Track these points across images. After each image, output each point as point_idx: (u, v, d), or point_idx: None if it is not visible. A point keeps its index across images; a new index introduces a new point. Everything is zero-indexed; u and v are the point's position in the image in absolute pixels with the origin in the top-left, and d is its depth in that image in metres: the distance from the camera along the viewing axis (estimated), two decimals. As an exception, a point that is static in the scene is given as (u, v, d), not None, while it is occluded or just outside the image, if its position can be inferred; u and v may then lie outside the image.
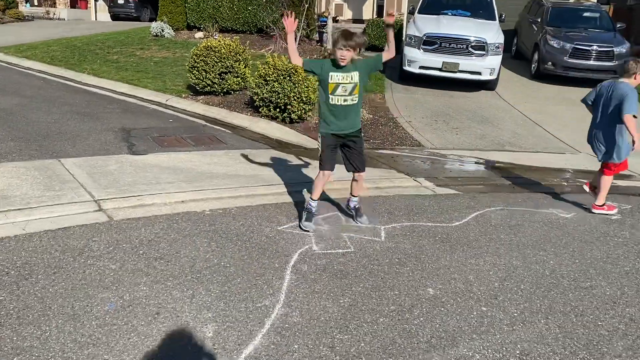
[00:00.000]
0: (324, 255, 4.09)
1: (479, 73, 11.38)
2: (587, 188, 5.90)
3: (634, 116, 5.11)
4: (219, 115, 8.94)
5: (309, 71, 4.52)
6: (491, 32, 11.51)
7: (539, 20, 13.57)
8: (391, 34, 4.41)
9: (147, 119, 8.40)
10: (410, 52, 11.51)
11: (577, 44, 12.32)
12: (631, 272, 4.21)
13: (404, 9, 16.40)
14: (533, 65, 13.25)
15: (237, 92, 9.83)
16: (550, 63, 12.58)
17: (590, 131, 5.69)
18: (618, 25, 13.38)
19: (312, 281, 3.67)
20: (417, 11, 12.61)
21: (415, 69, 11.49)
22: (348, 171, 4.70)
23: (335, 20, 18.07)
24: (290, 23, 4.35)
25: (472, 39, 11.26)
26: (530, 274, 4.05)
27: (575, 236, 4.92)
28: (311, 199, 4.74)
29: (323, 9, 17.34)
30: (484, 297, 3.63)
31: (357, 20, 18.88)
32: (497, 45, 11.31)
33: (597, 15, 13.80)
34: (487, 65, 11.30)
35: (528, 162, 7.70)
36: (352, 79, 4.36)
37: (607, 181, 5.56)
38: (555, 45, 12.53)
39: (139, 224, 4.33)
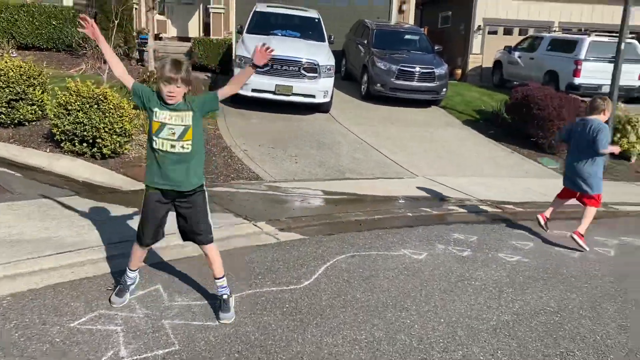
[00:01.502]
0: (136, 362, 2.99)
1: (313, 96, 10.98)
2: (541, 220, 5.92)
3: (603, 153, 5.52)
4: (7, 153, 7.19)
5: (136, 97, 3.41)
6: (322, 54, 11.22)
7: (366, 42, 13.74)
8: (245, 73, 3.59)
9: None
10: (240, 73, 10.68)
11: (402, 66, 12.61)
12: (499, 328, 3.79)
13: (232, 27, 15.61)
14: (363, 87, 13.32)
15: (34, 124, 8.09)
16: (379, 84, 12.72)
17: (568, 168, 5.82)
18: (436, 47, 14.08)
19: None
20: (245, 31, 11.88)
21: (247, 92, 10.70)
22: (184, 240, 3.67)
23: (158, 37, 16.61)
24: (90, 28, 3.36)
25: (304, 60, 10.84)
26: (396, 349, 3.40)
27: (434, 285, 4.44)
28: (129, 269, 3.62)
29: (143, 25, 15.80)
30: (349, 396, 2.86)
31: (182, 38, 17.60)
32: (328, 67, 11.03)
33: (417, 37, 14.40)
34: (321, 88, 10.95)
35: (371, 191, 7.31)
36: (182, 120, 3.32)
37: (592, 212, 5.69)
38: (382, 67, 12.70)
39: None
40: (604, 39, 14.10)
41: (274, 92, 10.68)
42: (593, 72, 13.63)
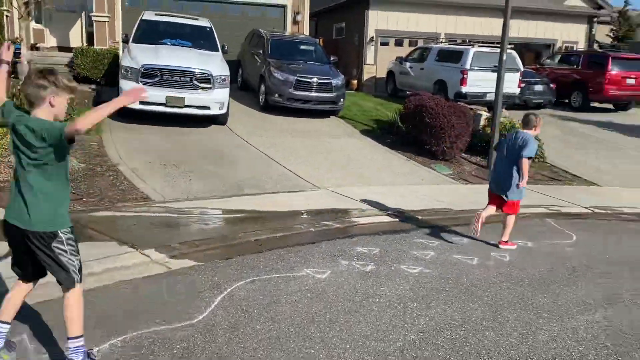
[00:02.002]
0: None
1: (208, 107, 10.52)
2: (478, 227, 5.99)
3: (529, 158, 5.83)
4: None
5: None
6: (215, 64, 10.80)
7: (261, 52, 13.48)
8: (110, 106, 2.88)
9: None
10: (127, 85, 9.99)
11: (299, 76, 12.49)
12: (406, 349, 3.64)
13: (118, 36, 14.67)
14: (261, 97, 13.03)
15: None
16: (277, 95, 12.51)
17: (496, 174, 6.18)
18: (332, 58, 14.14)
19: None
20: (131, 40, 11.15)
21: (135, 105, 9.98)
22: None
23: (35, 47, 15.25)
24: None
25: (196, 71, 10.35)
26: (301, 385, 3.13)
27: (338, 306, 4.23)
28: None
29: (17, 34, 14.39)
30: None
31: (63, 48, 16.27)
32: (223, 77, 10.62)
33: (313, 48, 14.38)
34: (215, 99, 10.52)
35: (272, 207, 7.02)
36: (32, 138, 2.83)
37: (512, 219, 6.03)
38: (279, 77, 12.50)
39: None
40: (486, 49, 14.94)
41: (165, 105, 10.09)
42: (478, 81, 14.37)
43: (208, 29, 12.20)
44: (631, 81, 16.38)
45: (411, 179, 9.38)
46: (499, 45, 16.30)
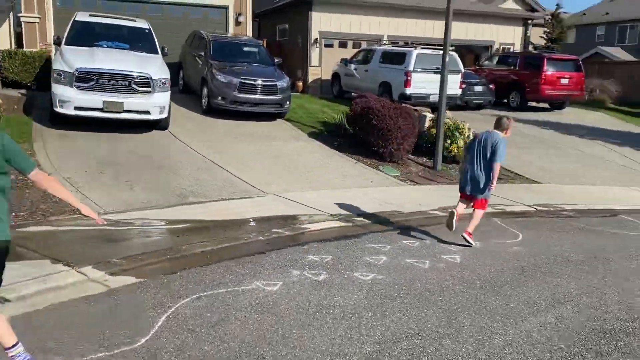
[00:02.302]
0: None
1: (148, 112, 10.07)
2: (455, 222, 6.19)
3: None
4: None
5: None
6: (155, 67, 10.36)
7: (203, 54, 13.09)
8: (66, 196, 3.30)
9: None
10: (61, 90, 9.44)
11: (243, 79, 12.20)
12: (363, 364, 3.52)
13: (50, 38, 13.90)
14: (204, 100, 12.65)
15: None
16: (220, 98, 12.17)
17: (467, 173, 6.31)
18: (276, 60, 13.93)
19: None
20: (64, 42, 10.55)
21: (69, 111, 9.48)
22: None
23: (-43, 49, 14.21)
24: None
25: (135, 74, 9.89)
26: (254, 412, 2.93)
27: (290, 320, 4.05)
28: None
29: None
30: None
31: (-11, 49, 15.32)
32: (163, 81, 10.21)
33: (256, 50, 14.12)
34: (156, 104, 10.09)
35: (218, 215, 6.75)
36: None
37: (480, 214, 6.33)
38: (223, 79, 12.17)
39: None
40: (429, 51, 15.16)
41: (102, 110, 9.59)
42: (421, 83, 14.56)
43: (146, 31, 11.72)
44: (565, 81, 17.07)
45: (360, 181, 9.32)
46: (440, 47, 16.66)
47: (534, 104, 18.02)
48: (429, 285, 4.97)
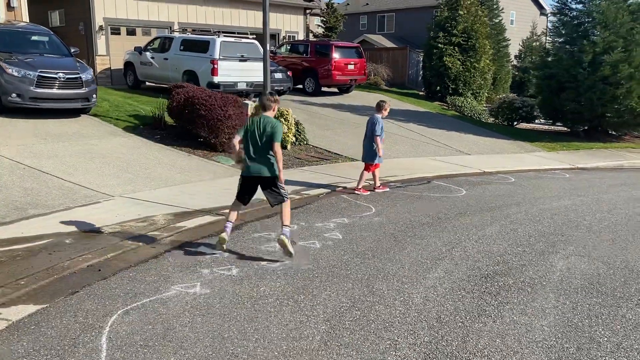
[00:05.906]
0: None
1: None
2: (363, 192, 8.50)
3: (378, 136, 8.55)
4: None
5: None
6: None
7: (-19, 44, 11.15)
8: None
9: None
10: None
11: (41, 72, 10.77)
12: (326, 340, 3.73)
13: None
14: (-7, 99, 10.85)
15: None
16: (15, 95, 10.58)
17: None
18: (73, 50, 12.57)
19: None
20: None
21: None
22: None
23: None
24: None
25: None
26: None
27: (235, 316, 4.03)
28: None
29: None
30: None
31: None
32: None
33: (47, 39, 12.50)
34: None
35: (77, 225, 6.06)
36: None
37: (366, 175, 8.73)
38: (15, 74, 10.57)
39: None
40: (231, 39, 15.32)
41: None
42: (228, 71, 14.69)
43: None
44: (352, 67, 18.91)
45: (204, 174, 9.17)
46: (239, 35, 16.99)
47: (325, 88, 19.58)
48: (332, 262, 5.35)
